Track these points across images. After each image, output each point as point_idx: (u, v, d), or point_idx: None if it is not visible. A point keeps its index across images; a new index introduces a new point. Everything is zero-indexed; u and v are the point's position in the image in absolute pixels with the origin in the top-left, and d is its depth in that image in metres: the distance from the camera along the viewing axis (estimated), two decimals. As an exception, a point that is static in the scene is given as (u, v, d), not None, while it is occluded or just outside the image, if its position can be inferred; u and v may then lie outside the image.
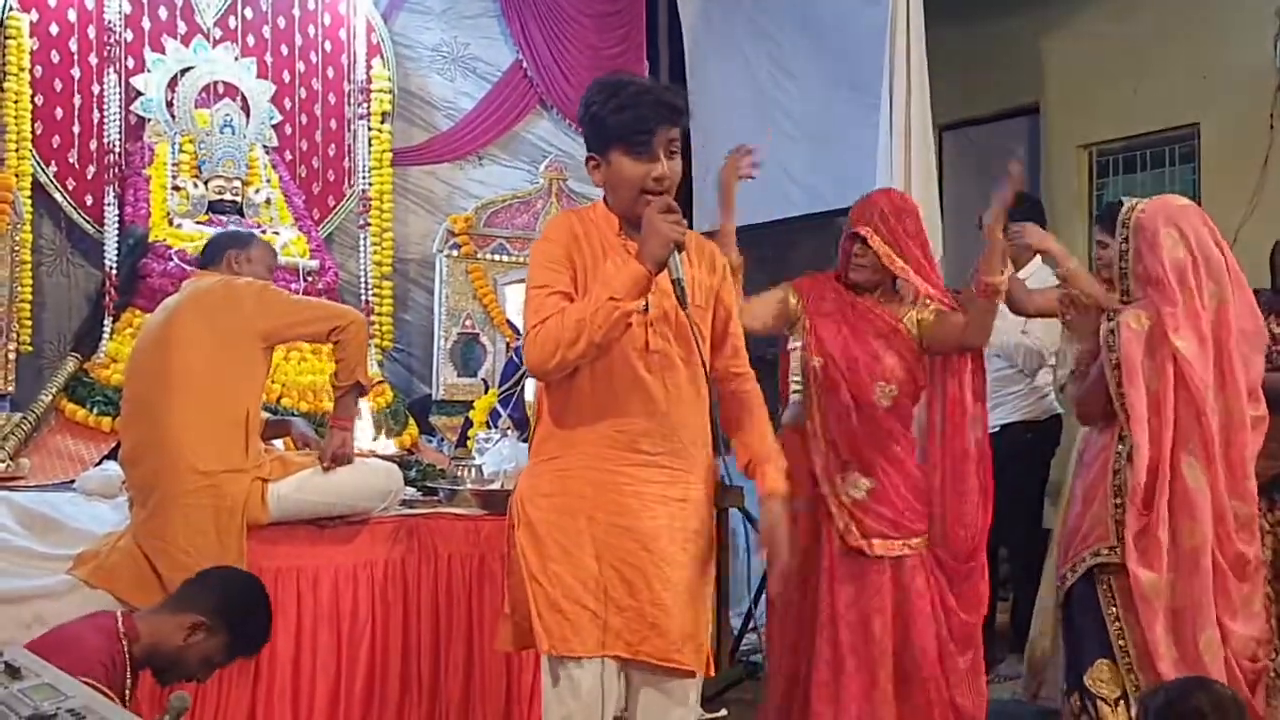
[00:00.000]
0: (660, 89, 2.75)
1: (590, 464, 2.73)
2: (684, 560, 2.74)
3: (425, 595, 3.85)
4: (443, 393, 6.23)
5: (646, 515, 2.70)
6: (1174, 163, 6.81)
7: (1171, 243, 3.50)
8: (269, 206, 5.71)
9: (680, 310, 2.66)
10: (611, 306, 2.57)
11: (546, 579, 2.69)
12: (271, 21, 6.07)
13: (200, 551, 3.43)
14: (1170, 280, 3.47)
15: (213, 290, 3.73)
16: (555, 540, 2.71)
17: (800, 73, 6.33)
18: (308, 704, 3.64)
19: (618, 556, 2.69)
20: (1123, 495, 3.44)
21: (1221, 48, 6.35)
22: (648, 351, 2.71)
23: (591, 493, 2.72)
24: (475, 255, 6.35)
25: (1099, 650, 3.45)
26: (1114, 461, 3.48)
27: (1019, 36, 7.28)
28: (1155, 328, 3.45)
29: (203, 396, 3.56)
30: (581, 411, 2.74)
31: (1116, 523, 3.43)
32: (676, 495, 2.74)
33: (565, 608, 2.67)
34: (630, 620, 2.68)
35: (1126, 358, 3.43)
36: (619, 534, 2.70)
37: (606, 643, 2.67)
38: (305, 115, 6.19)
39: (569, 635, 2.66)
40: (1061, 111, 7.20)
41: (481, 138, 6.78)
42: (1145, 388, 3.42)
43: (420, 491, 4.30)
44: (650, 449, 2.72)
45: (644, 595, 2.68)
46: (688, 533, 2.76)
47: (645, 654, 2.68)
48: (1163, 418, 3.41)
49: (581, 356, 2.62)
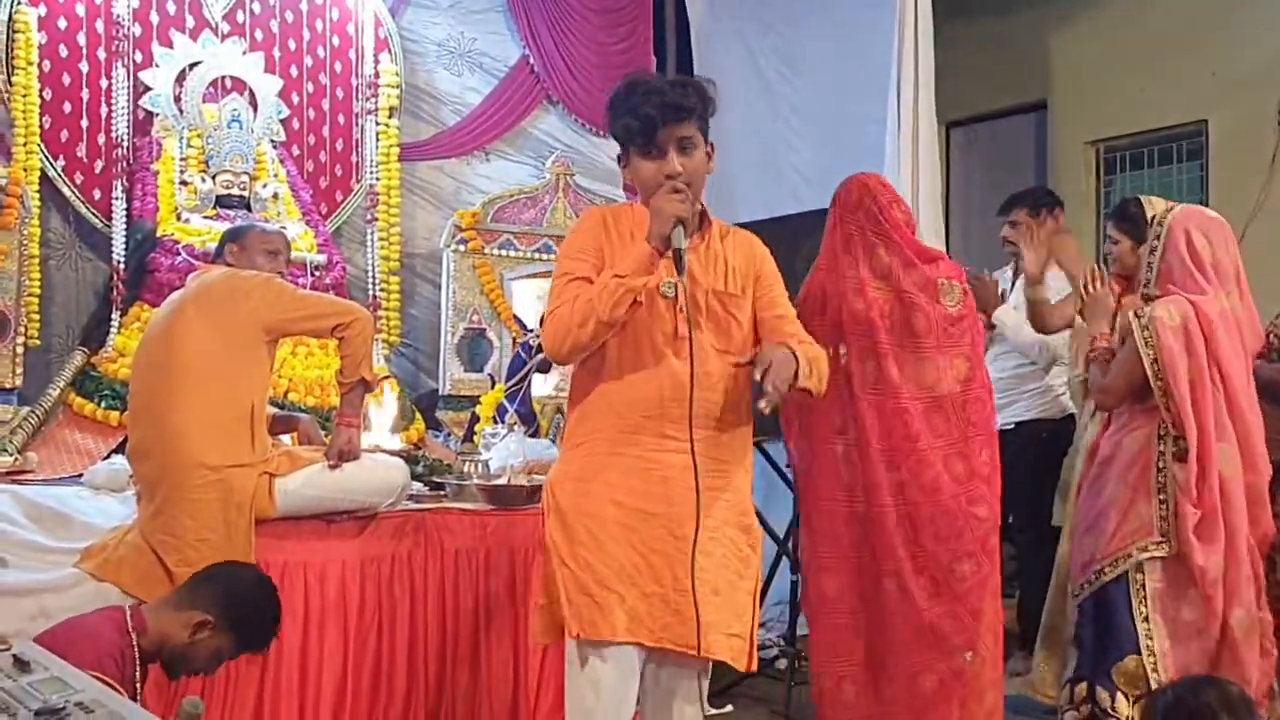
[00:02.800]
0: (669, 88, 2.76)
1: (618, 450, 2.76)
2: (714, 549, 2.74)
3: (432, 590, 3.85)
4: (449, 388, 6.24)
5: (675, 501, 2.71)
6: (1181, 159, 6.83)
7: (1203, 243, 3.58)
8: (276, 201, 5.73)
9: (717, 297, 2.75)
10: (617, 284, 2.62)
11: (576, 564, 2.72)
12: (279, 16, 6.08)
13: (208, 546, 3.44)
14: (1201, 273, 3.55)
15: (216, 283, 3.71)
16: (584, 526, 2.74)
17: (808, 68, 6.33)
18: (314, 697, 3.63)
19: (644, 542, 2.71)
20: (1167, 492, 3.46)
21: (1230, 46, 6.36)
22: (676, 338, 2.74)
23: (618, 478, 2.74)
24: (482, 250, 6.36)
25: (1130, 645, 3.47)
26: (1157, 459, 3.50)
27: (1027, 33, 7.29)
28: (1187, 320, 3.48)
29: (208, 391, 3.55)
30: (610, 397, 2.77)
31: (1162, 519, 3.46)
32: (709, 484, 2.73)
33: (594, 591, 2.69)
34: (654, 607, 2.69)
35: (1165, 350, 3.46)
36: (645, 520, 2.72)
37: (630, 629, 2.68)
38: (313, 110, 6.20)
39: (597, 619, 2.68)
40: (1069, 108, 7.21)
41: (488, 133, 6.79)
42: (1190, 382, 3.45)
43: (427, 487, 4.30)
44: (679, 435, 2.72)
45: (669, 582, 2.69)
46: (720, 521, 2.76)
47: (669, 641, 2.70)
48: (1202, 409, 3.44)
49: (594, 337, 2.66)
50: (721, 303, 2.80)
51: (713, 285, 2.80)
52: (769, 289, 2.89)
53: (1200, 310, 3.49)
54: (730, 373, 2.78)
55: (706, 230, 2.85)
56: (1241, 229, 5.92)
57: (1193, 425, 3.43)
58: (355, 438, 3.79)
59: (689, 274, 2.70)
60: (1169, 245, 3.60)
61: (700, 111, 2.76)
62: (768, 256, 2.94)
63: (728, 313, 2.80)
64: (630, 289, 2.62)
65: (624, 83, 2.82)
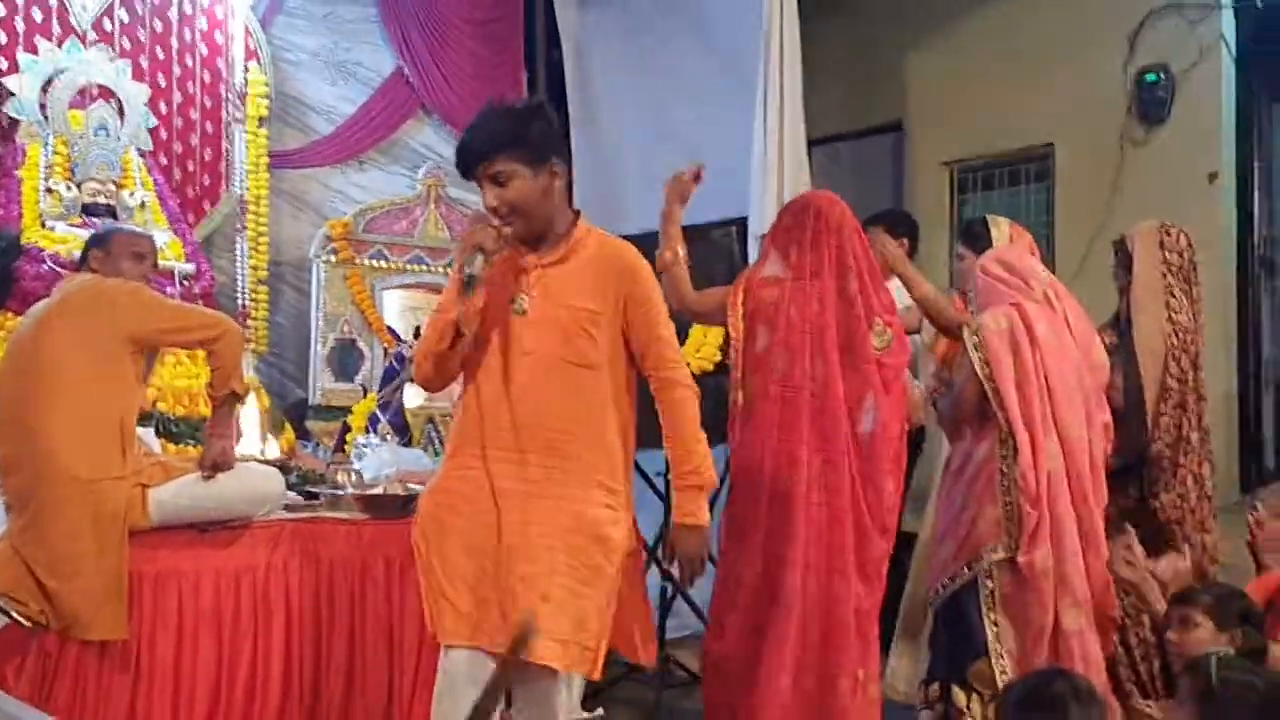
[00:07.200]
0: (475, 128, 2.92)
1: (468, 462, 2.91)
2: (544, 557, 2.82)
3: (307, 598, 3.85)
4: (320, 398, 6.22)
5: (508, 510, 2.85)
6: (1030, 180, 7.11)
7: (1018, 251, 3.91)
8: (143, 210, 5.67)
9: (571, 311, 2.87)
10: (440, 318, 2.84)
11: (431, 570, 2.91)
12: (148, 25, 6.03)
13: (80, 559, 3.42)
14: (1022, 281, 3.78)
15: (80, 292, 3.66)
16: (435, 535, 2.92)
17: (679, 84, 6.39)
18: (188, 707, 3.62)
19: (482, 551, 2.86)
20: (1010, 495, 3.60)
21: (1075, 71, 6.64)
22: (523, 354, 2.87)
23: (464, 488, 2.90)
24: (353, 260, 6.36)
25: (982, 648, 3.62)
26: (1001, 464, 3.63)
27: (885, 55, 7.52)
28: (1014, 325, 3.67)
29: (76, 402, 3.50)
30: (469, 410, 2.93)
31: (1008, 521, 3.60)
32: (549, 493, 2.85)
33: (447, 595, 2.87)
34: (490, 613, 2.83)
35: (992, 353, 3.64)
36: (484, 529, 2.86)
37: (466, 633, 2.85)
38: (181, 119, 6.16)
39: (446, 624, 2.88)
40: (924, 129, 7.46)
41: (362, 143, 6.81)
42: (1016, 384, 3.63)
43: (301, 496, 4.31)
44: (524, 447, 2.86)
45: (504, 588, 2.82)
46: (559, 530, 2.84)
47: (501, 645, 2.81)
48: (1029, 407, 3.62)
49: (436, 367, 2.90)
50: (576, 317, 2.89)
51: (569, 301, 2.89)
52: (643, 308, 2.94)
53: (1024, 314, 3.68)
54: (580, 384, 2.88)
55: (568, 245, 2.93)
56: (1086, 247, 6.23)
57: (1020, 423, 3.59)
58: (228, 448, 3.77)
59: (541, 290, 2.88)
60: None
61: (511, 143, 2.85)
62: (640, 270, 2.97)
63: (582, 327, 2.88)
64: (449, 322, 2.81)
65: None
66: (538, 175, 2.87)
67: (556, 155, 2.91)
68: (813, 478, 3.44)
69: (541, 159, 2.87)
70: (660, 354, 2.95)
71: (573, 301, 2.89)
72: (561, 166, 2.93)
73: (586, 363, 2.89)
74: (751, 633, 3.47)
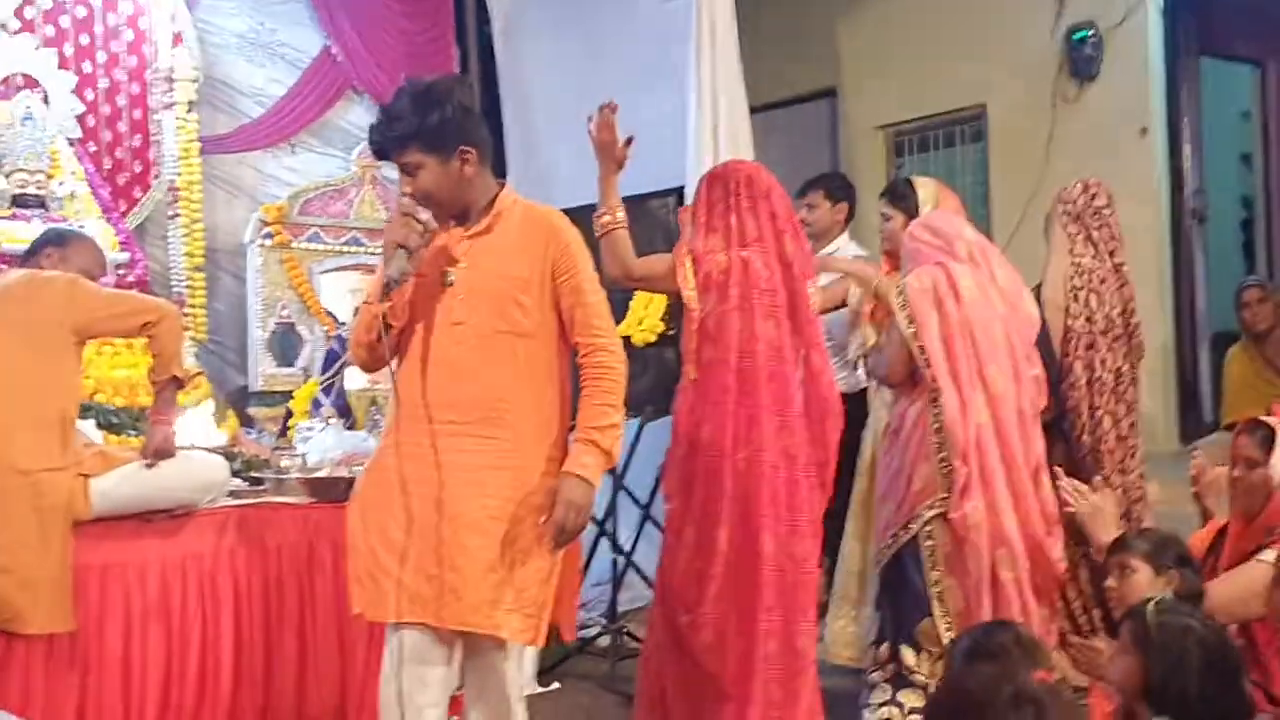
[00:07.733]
0: (386, 115, 2.90)
1: (405, 437, 2.91)
2: (490, 528, 2.83)
3: (255, 585, 3.84)
4: (261, 384, 6.17)
5: (449, 483, 2.84)
6: (965, 141, 7.18)
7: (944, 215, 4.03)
8: (74, 199, 5.57)
9: (500, 280, 2.89)
10: (364, 309, 2.91)
11: (360, 550, 2.91)
12: (70, 11, 5.92)
13: (24, 550, 3.38)
14: (945, 243, 3.86)
15: (16, 285, 3.63)
16: (371, 512, 2.92)
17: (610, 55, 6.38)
18: (139, 699, 3.60)
19: (423, 525, 2.85)
20: (945, 451, 3.66)
21: (1005, 32, 6.71)
22: (454, 325, 2.88)
23: (402, 464, 2.89)
24: (289, 244, 6.30)
25: (926, 608, 3.67)
26: (933, 422, 3.69)
27: (818, 21, 7.55)
28: (937, 283, 3.74)
29: (15, 394, 3.48)
30: (403, 386, 2.92)
31: (944, 477, 3.66)
32: (489, 463, 2.86)
33: (375, 574, 2.87)
34: (435, 587, 2.82)
35: (917, 311, 3.71)
36: (424, 503, 2.85)
37: (411, 610, 2.83)
38: (109, 106, 6.06)
39: (376, 602, 2.87)
40: (858, 94, 7.51)
41: (293, 125, 6.73)
42: (941, 340, 3.69)
43: (246, 482, 4.28)
44: (459, 418, 2.87)
45: (446, 562, 2.82)
46: (500, 500, 2.85)
47: (446, 619, 2.82)
48: (954, 362, 3.68)
49: (368, 354, 2.94)
50: (506, 285, 2.90)
51: (498, 269, 2.90)
52: (569, 272, 2.93)
53: (949, 272, 3.75)
54: (515, 353, 2.89)
55: (492, 215, 2.94)
56: (1022, 207, 6.29)
57: (947, 379, 3.66)
58: (170, 435, 3.76)
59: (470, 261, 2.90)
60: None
61: (413, 136, 2.84)
62: (566, 236, 2.96)
63: (513, 295, 2.89)
64: (373, 314, 2.85)
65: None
66: (446, 163, 2.87)
67: (465, 140, 2.88)
68: (771, 441, 3.48)
69: (447, 147, 2.86)
70: (586, 320, 2.94)
71: (502, 269, 2.90)
72: (474, 149, 2.90)
73: (519, 331, 2.89)
74: (727, 599, 3.47)
